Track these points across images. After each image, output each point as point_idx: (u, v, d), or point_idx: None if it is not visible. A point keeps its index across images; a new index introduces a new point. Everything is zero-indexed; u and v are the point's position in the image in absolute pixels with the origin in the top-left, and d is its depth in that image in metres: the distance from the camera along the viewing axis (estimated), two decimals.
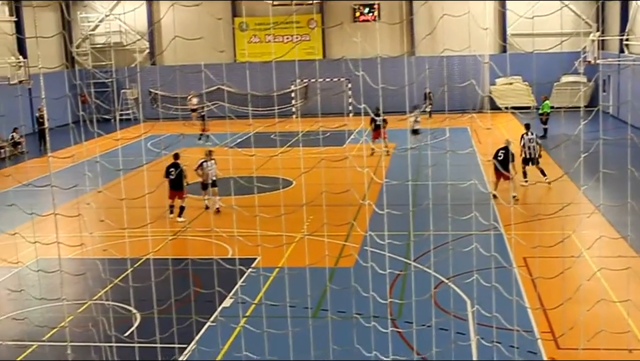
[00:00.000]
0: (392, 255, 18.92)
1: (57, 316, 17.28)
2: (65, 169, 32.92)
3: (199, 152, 37.90)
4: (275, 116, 46.98)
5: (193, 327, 15.96)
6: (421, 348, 14.22)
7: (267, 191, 26.84)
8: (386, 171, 32.58)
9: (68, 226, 20.37)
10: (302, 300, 16.65)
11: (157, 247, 21.49)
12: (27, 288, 19.64)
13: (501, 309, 13.15)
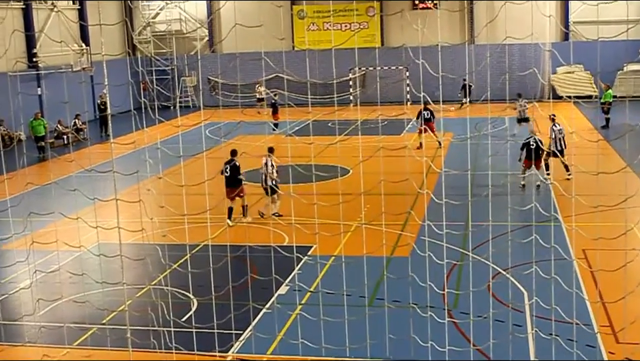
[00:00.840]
0: (449, 245, 18.80)
1: (117, 300, 17.53)
2: (127, 155, 33.36)
3: (257, 140, 38.15)
4: (332, 104, 46.92)
5: (249, 313, 16.08)
6: (477, 340, 14.11)
7: (325, 179, 26.84)
8: (444, 160, 32.39)
9: (128, 211, 20.63)
10: (358, 288, 16.66)
11: (215, 233, 21.68)
12: (88, 271, 19.93)
13: (559, 301, 13.01)
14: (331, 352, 13.36)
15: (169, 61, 56.88)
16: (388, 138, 36.15)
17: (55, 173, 31.39)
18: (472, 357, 13.53)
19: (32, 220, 22.79)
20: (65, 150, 40.36)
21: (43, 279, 19.84)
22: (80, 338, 16.12)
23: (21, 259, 20.20)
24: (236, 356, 14.80)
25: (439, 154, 33.84)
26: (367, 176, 21.60)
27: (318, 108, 49.14)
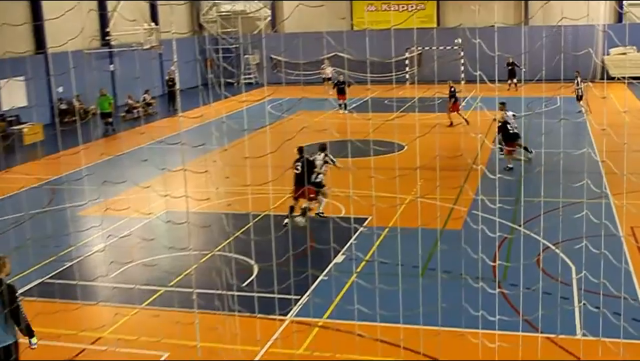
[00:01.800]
0: (500, 220, 18.71)
1: (183, 264, 17.79)
2: (194, 128, 33.69)
3: (317, 115, 38.18)
4: (390, 83, 46.67)
5: (307, 280, 16.23)
6: (526, 311, 14.05)
7: (381, 154, 26.80)
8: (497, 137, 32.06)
9: (196, 181, 20.89)
10: (411, 258, 16.68)
11: (276, 204, 21.82)
12: (157, 237, 20.28)
13: (606, 276, 12.88)
14: (385, 318, 13.43)
15: (233, 40, 57.11)
16: (443, 116, 35.87)
17: (126, 145, 31.92)
18: (520, 328, 13.49)
19: (106, 189, 23.22)
20: (136, 123, 40.92)
21: (116, 243, 20.23)
22: (149, 298, 16.40)
23: (96, 224, 20.60)
24: (295, 319, 14.94)
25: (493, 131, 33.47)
26: (422, 151, 21.57)
27: (376, 86, 48.91)
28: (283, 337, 14.07)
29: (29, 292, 16.96)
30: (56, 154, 32.85)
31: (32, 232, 20.82)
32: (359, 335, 13.59)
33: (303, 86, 47.61)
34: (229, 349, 13.14)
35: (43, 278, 17.85)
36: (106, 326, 14.86)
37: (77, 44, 38.07)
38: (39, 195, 25.61)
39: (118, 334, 14.38)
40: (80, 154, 30.71)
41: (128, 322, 15.13)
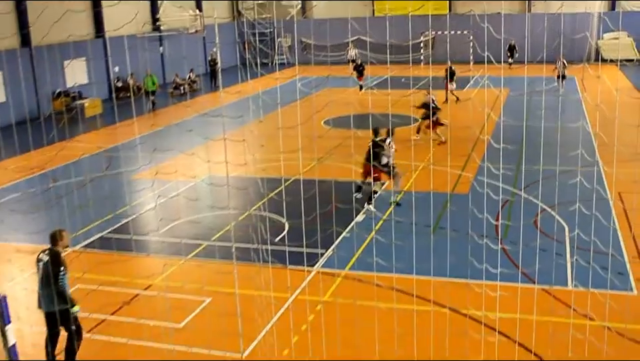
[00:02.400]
0: (503, 185, 18.62)
1: (223, 222, 17.89)
2: (233, 103, 33.73)
3: (342, 92, 38.02)
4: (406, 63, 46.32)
5: (332, 236, 16.27)
6: (524, 265, 14.05)
7: (398, 126, 26.70)
8: (503, 111, 31.82)
9: (235, 149, 20.86)
10: (423, 218, 16.68)
11: (306, 169, 21.84)
12: (201, 198, 20.40)
13: (596, 235, 12.81)
14: (399, 270, 13.48)
15: (268, 25, 56.90)
16: (454, 92, 35.61)
17: (174, 117, 32.03)
18: (519, 279, 13.49)
19: (156, 155, 23.37)
20: (183, 98, 41.01)
21: (165, 203, 20.37)
22: (193, 251, 16.53)
23: (147, 186, 20.79)
24: (320, 270, 15.01)
25: (498, 105, 33.22)
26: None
27: (394, 65, 48.63)
28: (310, 285, 14.15)
29: (90, 244, 17.18)
30: (113, 125, 33.09)
31: (92, 193, 21.07)
32: (377, 285, 13.65)
33: (330, 66, 47.47)
34: (263, 296, 13.25)
35: (102, 232, 18.04)
36: (156, 274, 15.01)
37: (131, 29, 38.27)
38: (98, 161, 25.82)
39: (167, 282, 14.53)
40: (134, 125, 30.96)
41: (175, 272, 15.28)
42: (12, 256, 16.45)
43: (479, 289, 11.94)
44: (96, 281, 14.66)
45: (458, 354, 10.08)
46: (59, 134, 30.46)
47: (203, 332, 12.13)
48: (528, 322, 11.61)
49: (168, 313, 12.77)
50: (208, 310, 13.19)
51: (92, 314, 13.12)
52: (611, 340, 11.22)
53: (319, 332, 11.61)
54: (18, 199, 21.29)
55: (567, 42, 43.47)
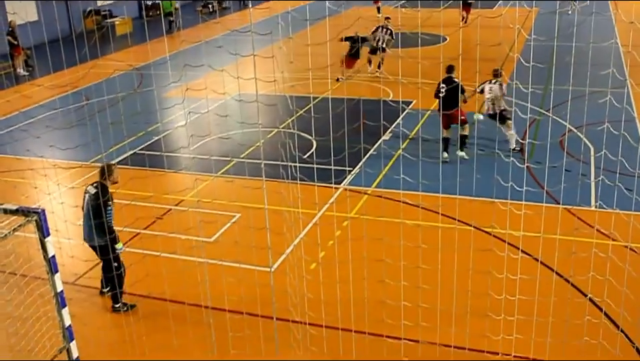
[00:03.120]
0: (532, 106, 18.36)
1: (253, 139, 17.92)
2: (262, 20, 33.32)
3: (370, 10, 37.25)
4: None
5: (360, 153, 16.26)
6: (549, 185, 13.96)
7: (428, 44, 26.27)
8: (533, 29, 31.09)
9: (264, 66, 20.64)
10: (451, 137, 16.55)
11: (335, 86, 21.71)
12: (231, 115, 20.37)
13: (623, 155, 12.62)
14: (425, 187, 13.42)
15: None
16: (484, 11, 34.81)
17: (204, 34, 31.68)
18: (544, 199, 13.41)
19: (186, 73, 23.22)
20: (212, 17, 40.54)
21: (195, 120, 20.42)
22: (223, 167, 16.63)
23: (178, 104, 20.77)
24: (347, 187, 15.04)
25: (529, 24, 32.44)
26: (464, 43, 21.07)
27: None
28: (337, 202, 14.22)
29: (123, 160, 17.34)
30: (143, 43, 32.92)
31: (124, 110, 21.14)
32: (404, 202, 13.67)
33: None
34: (291, 211, 13.33)
35: (134, 149, 18.18)
36: (187, 190, 15.15)
37: None
38: (129, 79, 25.82)
39: (198, 197, 14.67)
40: (164, 43, 30.74)
41: (206, 188, 15.41)
42: (48, 171, 16.66)
43: (503, 207, 11.88)
44: (129, 196, 14.82)
45: (481, 270, 10.13)
46: (90, 52, 30.41)
47: (232, 246, 12.28)
48: (551, 240, 11.60)
49: (199, 227, 12.93)
50: (238, 225, 13.34)
51: (126, 228, 13.32)
52: (633, 260, 11.19)
53: (346, 247, 11.70)
54: (52, 116, 21.44)
55: None
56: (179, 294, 10.97)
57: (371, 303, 9.94)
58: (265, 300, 10.15)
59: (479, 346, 9.33)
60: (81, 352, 9.24)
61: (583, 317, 9.60)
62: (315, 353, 9.05)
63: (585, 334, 9.13)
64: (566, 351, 9.10)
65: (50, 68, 26.99)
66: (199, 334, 9.82)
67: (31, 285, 10.95)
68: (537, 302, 9.22)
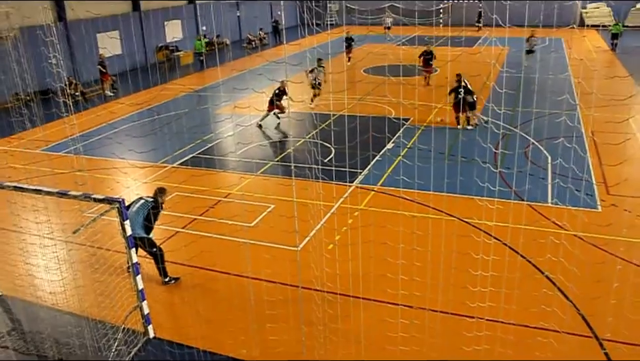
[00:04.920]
0: (504, 125, 18.18)
1: (285, 146, 17.92)
2: (293, 54, 33.27)
3: (379, 47, 37.11)
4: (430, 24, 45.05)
5: (368, 159, 16.19)
6: (516, 186, 13.83)
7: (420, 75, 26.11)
8: (506, 64, 30.81)
9: (295, 90, 20.75)
10: (439, 146, 16.46)
11: (349, 106, 21.63)
12: (268, 127, 20.39)
13: (574, 164, 12.50)
14: (420, 186, 13.38)
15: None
16: (465, 49, 34.53)
17: (248, 64, 31.78)
18: (512, 196, 13.30)
19: (234, 94, 23.28)
20: (253, 51, 40.60)
21: (240, 131, 20.43)
22: (261, 169, 16.63)
23: (227, 118, 20.81)
24: (358, 185, 14.99)
25: (501, 60, 32.17)
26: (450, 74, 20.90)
27: (419, 27, 47.23)
28: (351, 196, 14.17)
29: (184, 162, 17.39)
30: (201, 71, 33.01)
31: (186, 123, 21.21)
32: (402, 197, 13.61)
33: (369, 27, 46.33)
34: (314, 204, 13.32)
35: (193, 153, 18.22)
36: (233, 186, 15.17)
37: None
38: (190, 99, 25.89)
39: (241, 192, 14.69)
40: (217, 71, 30.74)
41: (248, 184, 15.41)
42: (127, 169, 16.77)
43: (481, 203, 11.81)
44: (188, 190, 14.89)
45: (462, 251, 10.07)
46: (161, 78, 30.56)
47: (268, 230, 12.29)
48: (517, 229, 11.50)
49: (242, 215, 12.95)
50: (272, 214, 13.33)
51: (185, 214, 13.38)
52: (580, 245, 11.08)
53: (356, 232, 11.68)
54: (131, 127, 21.57)
55: (559, 8, 41.46)
56: (226, 266, 11.00)
57: (375, 276, 9.90)
58: (292, 273, 10.15)
59: (459, 311, 9.27)
60: (151, 309, 9.31)
61: (541, 289, 9.52)
62: (331, 315, 9.04)
63: (541, 302, 9.05)
64: (526, 316, 9.02)
65: (130, 90, 27.22)
66: (241, 297, 9.84)
67: (113, 257, 11.06)
68: (505, 277, 9.15)
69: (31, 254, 11.05)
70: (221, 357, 8.59)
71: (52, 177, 16.10)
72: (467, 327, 8.77)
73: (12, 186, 9.11)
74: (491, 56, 30.83)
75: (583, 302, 9.33)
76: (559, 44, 37.16)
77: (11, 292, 10.60)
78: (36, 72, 9.68)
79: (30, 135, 20.52)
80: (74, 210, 12.23)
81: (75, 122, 22.29)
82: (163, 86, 28.56)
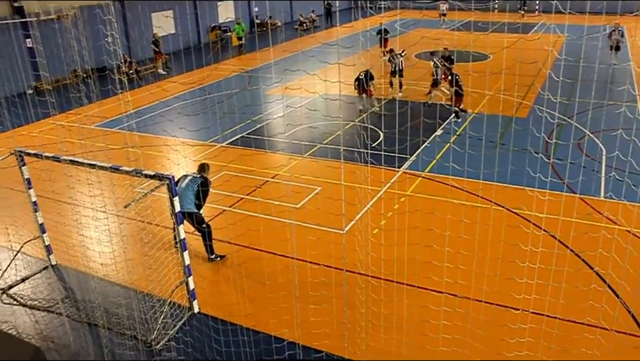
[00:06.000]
0: (559, 115, 17.70)
1: (334, 129, 17.90)
2: (346, 36, 33.04)
3: (431, 31, 36.54)
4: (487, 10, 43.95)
5: (418, 144, 16.04)
6: (568, 178, 13.46)
7: (476, 60, 25.59)
8: (565, 51, 29.90)
9: (346, 72, 20.64)
10: (490, 135, 16.15)
11: (403, 88, 21.41)
12: (318, 109, 20.37)
13: (632, 157, 12.08)
14: (469, 174, 13.17)
15: None
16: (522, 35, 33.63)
17: (300, 46, 31.75)
18: (564, 189, 12.97)
19: (285, 75, 23.34)
20: (305, 33, 40.48)
21: (290, 113, 20.50)
22: (309, 150, 16.66)
23: (278, 99, 20.90)
24: (406, 170, 14.87)
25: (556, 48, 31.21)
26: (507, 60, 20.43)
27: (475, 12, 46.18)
28: (398, 182, 14.08)
29: (234, 142, 17.58)
30: (252, 52, 33.19)
31: (236, 103, 21.41)
32: (451, 185, 13.44)
33: (422, 11, 45.60)
34: (361, 187, 13.29)
35: (243, 133, 18.41)
36: (281, 167, 15.27)
37: None
38: (241, 79, 26.10)
39: (289, 173, 14.77)
40: (269, 52, 30.87)
41: (296, 165, 15.48)
42: (178, 147, 17.07)
43: (531, 194, 11.55)
44: (237, 169, 15.07)
45: (510, 242, 9.89)
46: (213, 58, 30.88)
47: (314, 212, 12.34)
48: (567, 223, 11.21)
49: (289, 196, 13.04)
50: (319, 196, 13.38)
51: (233, 193, 13.55)
52: (634, 242, 10.72)
53: (402, 218, 11.61)
54: (183, 105, 21.92)
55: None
56: (271, 246, 11.11)
57: (420, 263, 9.84)
58: (337, 255, 10.18)
59: (504, 302, 9.14)
60: (197, 285, 9.50)
61: (589, 285, 9.28)
62: (374, 299, 9.04)
63: (590, 298, 8.82)
64: (574, 311, 8.82)
65: (183, 69, 27.62)
66: (285, 278, 9.93)
67: (162, 232, 11.31)
68: (553, 270, 8.94)
69: (84, 226, 11.41)
70: (263, 335, 8.72)
71: (106, 152, 16.53)
72: (511, 318, 8.64)
73: (68, 159, 9.40)
74: (548, 44, 29.95)
75: (634, 300, 9.05)
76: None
77: (65, 261, 10.99)
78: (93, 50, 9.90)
79: (86, 111, 21.10)
80: (125, 185, 12.55)
81: (130, 99, 22.80)
82: (215, 65, 28.86)
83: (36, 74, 24.63)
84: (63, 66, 24.46)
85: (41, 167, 11.04)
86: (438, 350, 8.02)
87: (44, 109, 20.33)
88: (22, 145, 13.21)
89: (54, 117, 19.56)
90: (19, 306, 9.89)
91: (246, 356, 8.26)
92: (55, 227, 11.28)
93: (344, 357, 8.22)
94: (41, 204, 10.94)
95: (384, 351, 8.26)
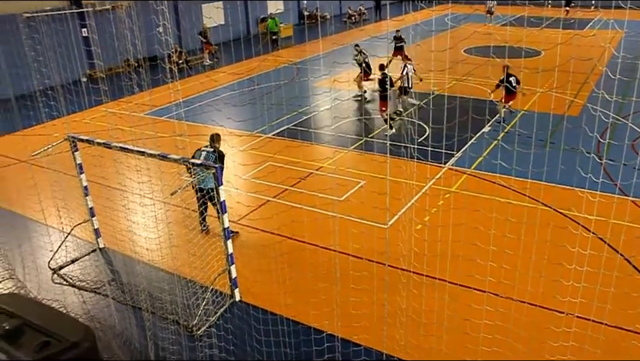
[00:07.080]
0: (613, 114, 17.17)
1: (381, 123, 17.80)
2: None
3: (481, 26, 35.88)
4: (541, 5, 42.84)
5: (465, 141, 15.81)
6: (621, 180, 13.04)
7: (528, 56, 25.01)
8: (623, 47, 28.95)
9: (397, 65, 20.47)
10: (540, 133, 15.79)
11: (448, 85, 21.13)
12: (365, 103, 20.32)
13: None
14: (517, 173, 12.90)
15: None
16: (577, 32, 32.69)
17: (349, 39, 31.62)
18: (616, 191, 12.57)
19: (333, 68, 23.31)
20: (354, 26, 40.30)
21: (337, 105, 20.48)
22: (356, 143, 16.62)
23: (325, 92, 20.91)
24: (452, 167, 14.67)
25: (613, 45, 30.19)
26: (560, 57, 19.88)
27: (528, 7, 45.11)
28: (444, 178, 13.92)
29: (280, 133, 17.68)
30: (301, 44, 33.25)
31: (284, 94, 21.51)
32: (497, 183, 13.21)
33: (473, 6, 44.81)
34: (408, 183, 13.18)
35: (289, 124, 18.49)
36: (326, 159, 15.28)
37: None
38: (290, 71, 26.21)
39: (334, 165, 14.77)
40: (318, 44, 30.87)
41: (341, 158, 15.47)
42: (225, 137, 17.27)
43: (581, 195, 11.25)
44: (282, 160, 15.15)
45: (557, 243, 9.66)
46: (262, 49, 31.08)
47: (358, 205, 12.32)
48: (618, 226, 10.88)
49: (333, 189, 13.05)
50: (363, 189, 13.35)
51: (278, 184, 13.64)
52: None
53: (447, 214, 11.48)
54: (231, 96, 22.16)
55: None
56: (314, 238, 11.15)
57: (463, 260, 9.72)
58: (379, 250, 10.14)
59: (548, 304, 8.95)
60: (239, 273, 9.62)
61: (639, 291, 8.99)
62: (415, 294, 8.97)
63: (639, 305, 8.56)
64: (621, 317, 8.56)
65: (232, 59, 27.91)
66: (327, 269, 9.95)
67: (207, 220, 11.47)
68: (601, 274, 8.69)
69: (132, 212, 11.67)
70: (302, 326, 8.76)
71: (154, 140, 16.86)
72: (555, 321, 8.45)
73: (119, 146, 9.63)
74: (605, 40, 29.02)
75: None
76: None
77: (112, 245, 11.28)
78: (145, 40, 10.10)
79: (137, 99, 21.55)
80: (173, 173, 12.77)
81: (179, 89, 23.17)
82: (264, 57, 29.06)
83: (90, 62, 25.30)
84: (116, 55, 25.01)
85: (93, 153, 11.35)
86: (478, 349, 7.91)
87: (97, 97, 20.85)
88: (75, 131, 13.60)
89: (106, 105, 20.05)
90: (69, 286, 10.21)
91: (285, 345, 8.33)
92: (103, 211, 11.58)
93: (382, 351, 8.20)
94: (91, 188, 11.24)
95: (423, 348, 8.20)
